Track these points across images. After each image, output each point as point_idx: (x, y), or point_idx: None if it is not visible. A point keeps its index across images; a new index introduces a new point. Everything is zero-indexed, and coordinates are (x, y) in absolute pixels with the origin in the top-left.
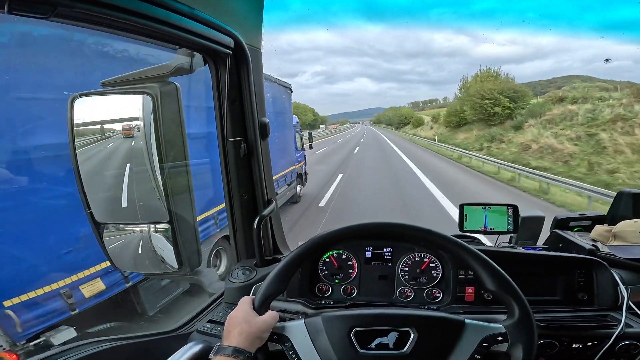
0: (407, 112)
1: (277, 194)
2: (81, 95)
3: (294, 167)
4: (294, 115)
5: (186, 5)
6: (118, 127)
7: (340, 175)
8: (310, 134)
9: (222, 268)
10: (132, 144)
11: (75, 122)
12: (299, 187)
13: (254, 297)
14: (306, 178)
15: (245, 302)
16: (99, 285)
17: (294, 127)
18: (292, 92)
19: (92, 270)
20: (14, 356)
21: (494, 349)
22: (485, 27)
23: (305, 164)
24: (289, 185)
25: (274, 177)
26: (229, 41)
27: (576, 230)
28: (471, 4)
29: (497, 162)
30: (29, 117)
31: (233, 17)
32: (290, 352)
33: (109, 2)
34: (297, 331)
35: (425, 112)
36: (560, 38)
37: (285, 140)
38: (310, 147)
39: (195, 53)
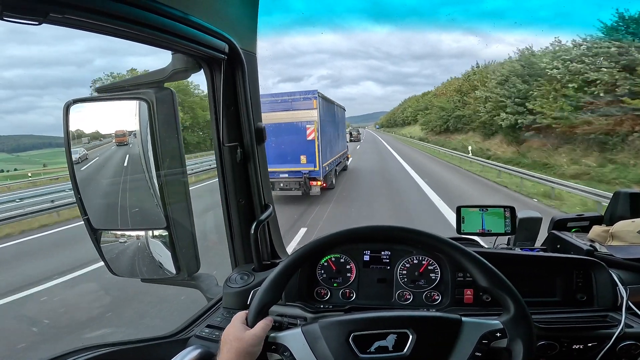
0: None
1: (340, 162)
2: (76, 101)
3: (345, 150)
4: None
5: (180, 11)
6: (114, 133)
7: None
8: (350, 133)
9: (334, 180)
10: (128, 150)
11: (70, 128)
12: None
13: (247, 312)
14: (348, 158)
15: (237, 318)
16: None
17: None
18: (345, 110)
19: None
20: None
21: (494, 345)
22: (495, 26)
23: (348, 149)
24: (343, 160)
25: (338, 155)
26: (224, 46)
27: (574, 231)
28: (482, 3)
29: None
30: (327, 128)
31: (227, 22)
32: None
33: (101, 9)
34: (295, 340)
35: None
36: (573, 37)
37: (342, 136)
38: (351, 139)
39: (190, 58)
